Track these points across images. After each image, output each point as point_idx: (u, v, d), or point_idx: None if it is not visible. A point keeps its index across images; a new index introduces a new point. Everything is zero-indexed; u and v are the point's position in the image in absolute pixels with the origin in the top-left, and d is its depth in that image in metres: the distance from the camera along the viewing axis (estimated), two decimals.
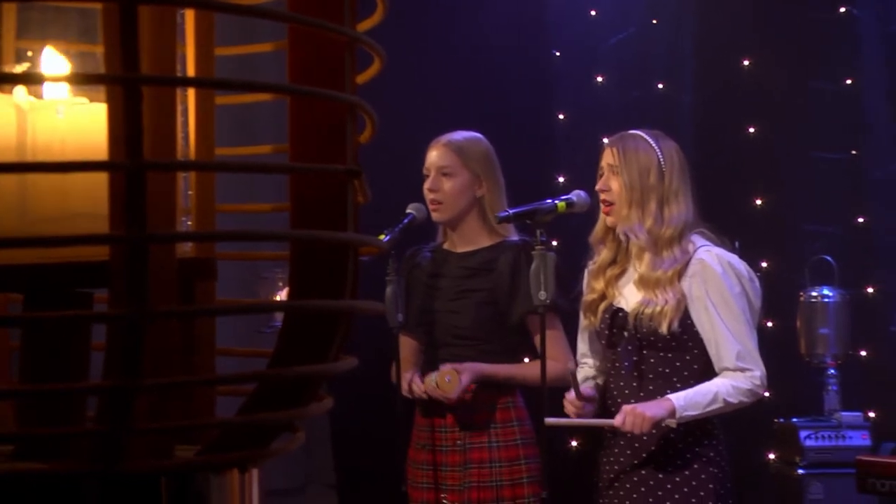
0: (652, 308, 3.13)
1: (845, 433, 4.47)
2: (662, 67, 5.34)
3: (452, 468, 3.41)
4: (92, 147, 0.92)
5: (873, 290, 5.11)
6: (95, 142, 0.91)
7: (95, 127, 0.91)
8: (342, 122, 0.82)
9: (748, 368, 3.10)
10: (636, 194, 3.17)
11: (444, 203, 3.47)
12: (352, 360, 0.82)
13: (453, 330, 3.46)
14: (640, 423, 3.00)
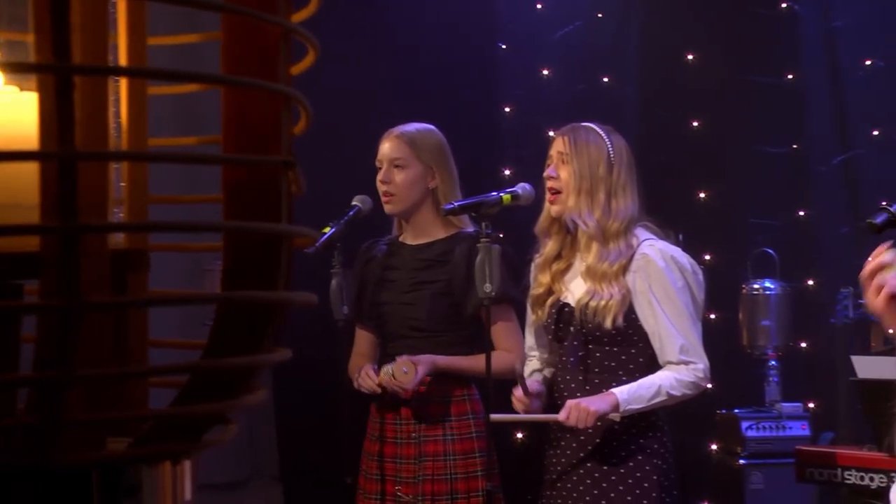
0: (597, 302, 3.14)
1: (785, 424, 4.53)
2: (607, 61, 5.37)
3: (407, 460, 3.41)
4: (22, 137, 0.91)
5: (814, 282, 5.18)
6: (26, 131, 0.90)
7: (26, 116, 0.90)
8: (276, 113, 0.82)
9: (691, 361, 3.13)
10: (585, 184, 3.18)
11: (397, 195, 3.47)
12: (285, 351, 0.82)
13: (409, 322, 3.46)
14: (584, 417, 3.02)
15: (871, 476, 3.74)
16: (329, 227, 3.44)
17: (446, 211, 3.27)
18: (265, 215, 0.81)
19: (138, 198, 0.91)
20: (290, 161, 0.81)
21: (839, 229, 5.20)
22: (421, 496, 3.36)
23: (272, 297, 0.80)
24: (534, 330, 3.38)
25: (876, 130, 5.30)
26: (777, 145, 5.32)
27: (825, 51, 5.43)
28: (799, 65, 5.40)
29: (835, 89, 5.41)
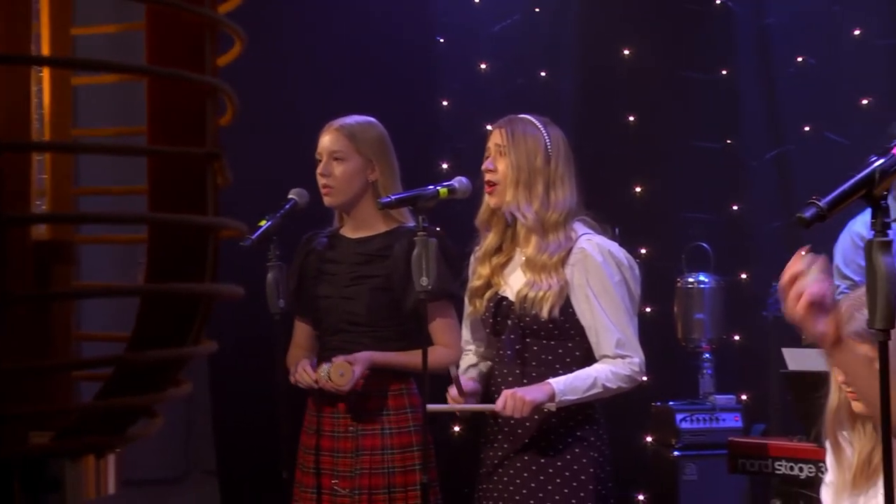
0: (535, 292, 3.16)
1: (719, 415, 4.59)
2: (545, 56, 5.39)
3: (345, 454, 3.40)
4: None
5: (746, 276, 5.24)
6: None
7: None
8: (201, 105, 0.81)
9: (627, 355, 3.15)
10: (523, 175, 3.19)
11: (336, 188, 3.45)
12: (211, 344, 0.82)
13: (347, 316, 3.44)
14: (521, 406, 3.03)
15: (800, 466, 3.80)
16: (265, 221, 3.42)
17: (382, 204, 3.26)
18: (191, 207, 0.81)
19: (62, 189, 0.90)
20: (215, 152, 0.80)
21: (772, 224, 5.27)
22: (358, 490, 3.35)
23: (197, 289, 0.79)
24: (470, 323, 3.38)
25: (807, 126, 5.38)
26: (711, 140, 5.38)
27: (758, 47, 5.50)
28: (733, 61, 5.46)
29: (767, 85, 5.48)
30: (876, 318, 1.80)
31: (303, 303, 3.53)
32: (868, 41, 5.40)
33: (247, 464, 4.37)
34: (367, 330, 3.42)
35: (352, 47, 4.89)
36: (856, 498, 2.58)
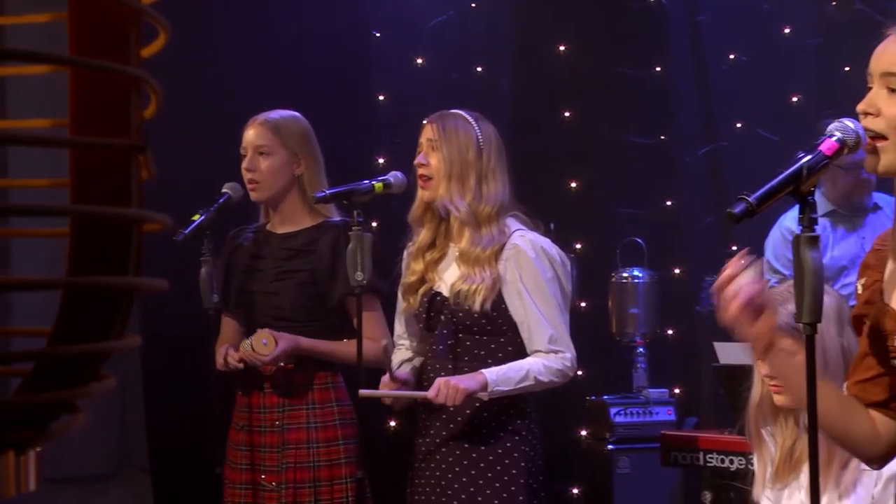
0: (468, 286, 3.17)
1: (652, 409, 4.63)
2: (481, 51, 5.40)
3: (271, 449, 3.38)
4: None
5: (680, 271, 5.30)
6: None
7: None
8: (125, 96, 0.80)
9: (560, 351, 3.17)
10: (455, 169, 3.20)
11: (262, 182, 3.44)
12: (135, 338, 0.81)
13: (273, 311, 3.43)
14: (454, 394, 3.04)
15: (730, 459, 3.85)
16: (198, 215, 3.40)
17: (317, 199, 3.25)
18: (114, 199, 0.80)
19: None
20: (139, 145, 0.79)
21: (704, 219, 5.33)
22: (284, 484, 3.35)
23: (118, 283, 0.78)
24: (404, 318, 3.38)
25: (739, 123, 5.45)
26: (645, 136, 5.42)
27: (691, 45, 5.56)
28: (666, 58, 5.51)
29: (700, 82, 5.54)
30: (803, 312, 1.83)
31: (230, 298, 3.52)
32: (798, 39, 5.48)
33: (180, 460, 4.33)
34: (293, 325, 3.41)
35: (287, 41, 4.86)
36: (779, 491, 2.62)
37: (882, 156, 1.85)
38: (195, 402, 3.67)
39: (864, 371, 1.97)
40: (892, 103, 1.84)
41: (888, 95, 1.85)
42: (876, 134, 1.85)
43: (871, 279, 1.97)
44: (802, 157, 1.85)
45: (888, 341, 1.88)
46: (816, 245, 1.84)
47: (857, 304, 1.99)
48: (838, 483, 2.48)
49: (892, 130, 1.83)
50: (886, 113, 1.84)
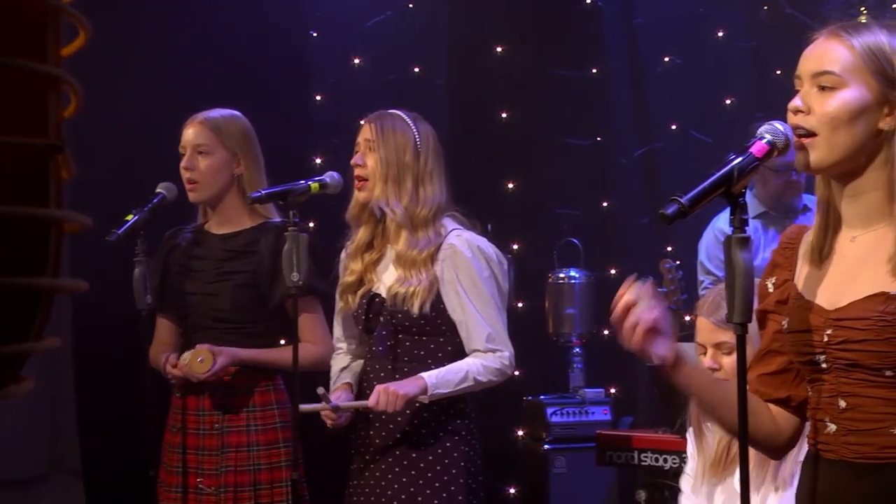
0: (406, 288, 3.16)
1: (588, 409, 4.67)
2: (418, 51, 5.40)
3: (210, 452, 3.35)
4: None
5: (616, 271, 5.34)
6: None
7: None
8: (43, 96, 0.79)
9: (498, 349, 3.18)
10: (392, 170, 3.20)
11: (201, 182, 3.41)
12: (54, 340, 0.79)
13: (212, 313, 3.40)
14: (394, 401, 3.04)
15: (664, 458, 3.88)
16: (132, 215, 3.36)
17: (252, 199, 3.23)
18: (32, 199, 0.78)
19: None
20: (58, 144, 0.78)
21: (640, 220, 5.39)
22: (223, 488, 3.32)
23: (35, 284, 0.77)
24: (342, 319, 3.37)
25: (674, 124, 5.51)
26: (582, 137, 5.46)
27: (627, 47, 5.61)
28: (603, 59, 5.56)
29: (636, 84, 5.60)
30: (734, 312, 1.85)
31: (166, 300, 3.48)
32: (731, 42, 5.56)
33: (113, 463, 4.29)
34: (233, 326, 3.38)
35: (223, 40, 4.83)
36: (713, 487, 2.65)
37: (812, 152, 1.88)
38: (129, 404, 3.64)
39: (766, 365, 2.02)
40: (823, 101, 1.87)
41: (819, 94, 1.88)
42: (806, 132, 1.88)
43: (782, 278, 2.01)
44: (733, 159, 1.87)
45: (813, 337, 1.91)
46: (747, 246, 1.87)
47: (766, 301, 2.03)
48: (775, 476, 2.52)
49: (822, 127, 1.87)
50: (817, 111, 1.88)
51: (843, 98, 1.86)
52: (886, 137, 1.87)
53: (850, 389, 1.88)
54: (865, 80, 1.87)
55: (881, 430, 1.86)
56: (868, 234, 1.90)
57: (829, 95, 1.87)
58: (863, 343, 1.85)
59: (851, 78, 1.87)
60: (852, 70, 1.87)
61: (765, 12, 5.58)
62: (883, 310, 1.83)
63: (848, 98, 1.86)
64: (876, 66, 1.86)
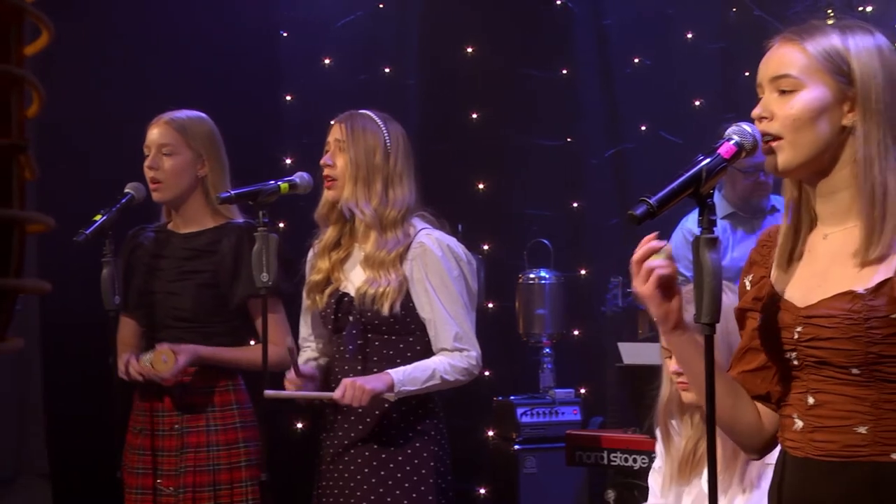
0: (375, 289, 3.16)
1: (558, 409, 4.67)
2: (389, 52, 5.40)
3: (169, 453, 3.34)
4: None
5: (586, 272, 5.36)
6: None
7: None
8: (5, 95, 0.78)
9: (465, 349, 3.18)
10: (362, 172, 3.19)
11: (165, 182, 3.40)
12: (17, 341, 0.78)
13: (174, 312, 3.39)
14: (360, 395, 3.03)
15: (633, 457, 3.89)
16: (100, 215, 3.34)
17: (222, 199, 3.22)
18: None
19: None
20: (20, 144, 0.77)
21: (610, 220, 5.40)
22: (182, 488, 3.30)
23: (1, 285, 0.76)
24: (309, 318, 3.36)
25: (644, 125, 5.53)
26: (552, 138, 5.48)
27: (597, 48, 5.63)
28: (573, 60, 5.57)
29: (606, 85, 5.62)
30: (702, 312, 1.86)
31: (129, 299, 3.47)
32: (700, 44, 5.59)
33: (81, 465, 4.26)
34: (194, 326, 3.37)
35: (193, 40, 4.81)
36: (681, 488, 2.66)
37: (779, 155, 1.90)
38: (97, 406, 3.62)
39: (746, 363, 2.03)
40: (784, 105, 1.89)
41: (779, 98, 1.90)
42: (773, 137, 1.90)
43: (759, 275, 2.03)
44: (702, 161, 1.88)
45: (785, 334, 1.92)
46: (715, 246, 1.87)
47: (744, 299, 2.05)
48: (742, 478, 2.53)
49: (786, 130, 1.89)
50: (780, 115, 1.90)
51: (803, 99, 1.89)
52: (850, 133, 1.89)
53: (818, 386, 1.90)
54: (823, 79, 1.89)
55: (846, 428, 1.87)
56: (840, 232, 1.92)
57: (790, 98, 1.89)
58: (830, 341, 1.86)
59: (809, 79, 1.89)
60: (809, 71, 1.89)
61: (733, 14, 5.61)
62: (850, 308, 1.84)
63: (808, 99, 1.89)
64: (831, 65, 1.89)
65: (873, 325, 1.83)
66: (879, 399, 1.86)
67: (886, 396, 1.85)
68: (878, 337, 1.83)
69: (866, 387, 1.86)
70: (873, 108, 1.87)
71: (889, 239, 1.85)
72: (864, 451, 1.86)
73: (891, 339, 1.83)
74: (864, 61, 1.88)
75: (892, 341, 1.83)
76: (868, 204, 1.87)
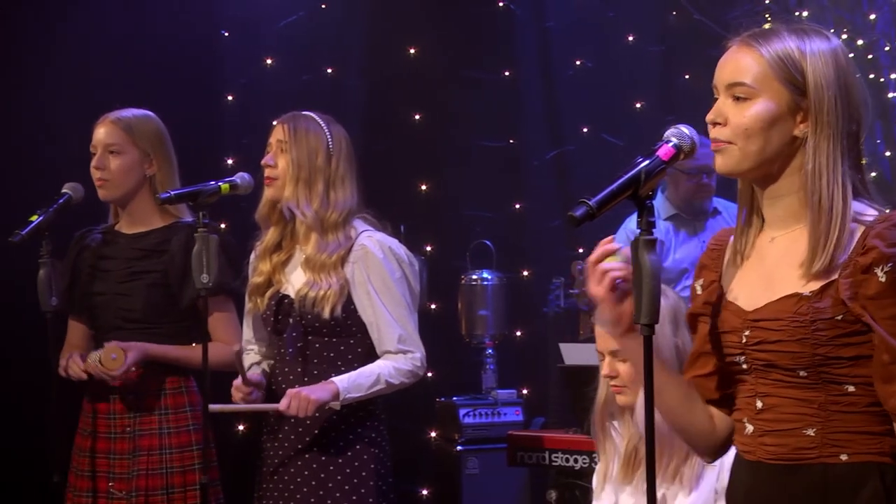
0: (316, 292, 3.15)
1: (501, 410, 4.69)
2: (332, 52, 5.39)
3: (121, 456, 3.31)
4: None
5: (528, 273, 5.38)
6: None
7: None
8: None
9: (409, 351, 3.18)
10: (304, 173, 3.18)
11: (111, 181, 3.37)
12: None
13: (123, 313, 3.36)
14: (305, 406, 3.02)
15: (574, 458, 3.91)
16: (36, 216, 3.31)
17: (161, 200, 3.19)
18: None
19: None
20: None
21: (551, 222, 5.43)
22: (135, 492, 3.27)
23: None
24: (251, 321, 3.34)
25: (585, 127, 5.57)
26: (495, 140, 5.50)
27: (539, 50, 5.66)
28: (515, 62, 5.60)
29: (548, 87, 5.65)
30: (641, 313, 1.87)
31: (77, 301, 3.43)
32: (641, 47, 5.64)
33: (17, 468, 4.21)
34: (144, 326, 3.34)
35: (134, 39, 4.77)
36: (622, 487, 2.68)
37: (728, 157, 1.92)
38: (34, 409, 3.57)
39: (699, 367, 2.03)
40: (738, 112, 1.91)
41: (734, 105, 1.91)
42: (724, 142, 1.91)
43: (709, 279, 2.04)
44: (640, 163, 1.89)
45: (733, 338, 1.94)
46: (654, 248, 1.88)
47: (695, 304, 2.06)
48: (681, 478, 2.55)
49: (737, 138, 1.90)
50: (732, 122, 1.91)
51: (755, 110, 1.89)
52: (801, 144, 1.90)
53: (766, 390, 1.91)
54: (777, 89, 1.89)
55: (794, 431, 1.89)
56: (786, 236, 1.93)
57: (744, 106, 1.90)
58: (777, 343, 1.87)
59: (763, 89, 1.90)
60: (764, 80, 1.90)
61: (673, 18, 5.67)
62: (795, 311, 1.86)
63: (760, 110, 1.89)
64: (785, 74, 1.89)
65: (819, 328, 1.84)
66: (827, 401, 1.87)
67: (833, 398, 1.87)
68: (824, 339, 1.84)
69: (813, 389, 1.87)
70: (825, 120, 1.88)
71: (833, 251, 1.87)
72: (814, 454, 1.88)
73: (836, 341, 1.84)
74: (819, 71, 1.88)
75: (837, 343, 1.84)
76: (815, 216, 1.88)
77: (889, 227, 1.84)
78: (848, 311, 1.84)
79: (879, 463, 1.87)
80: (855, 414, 1.87)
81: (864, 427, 1.87)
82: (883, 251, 1.82)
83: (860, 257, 1.84)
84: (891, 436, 1.87)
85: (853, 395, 1.87)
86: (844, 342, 1.85)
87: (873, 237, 1.84)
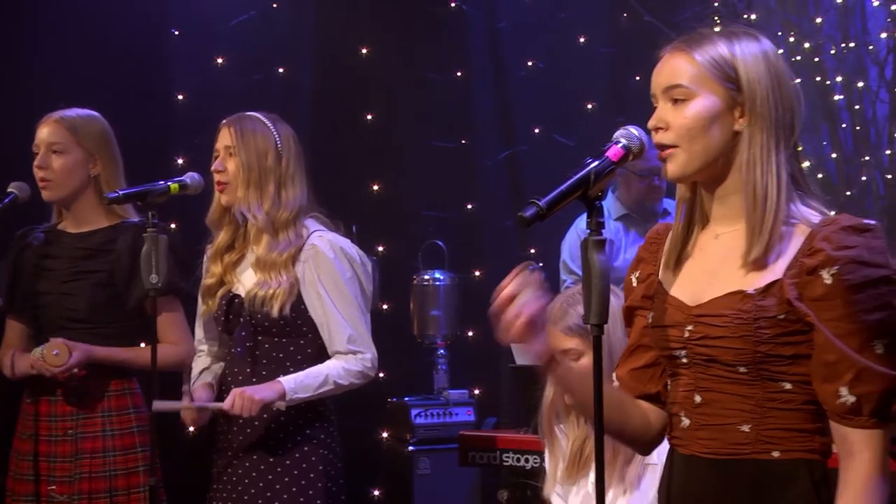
0: (265, 291, 3.14)
1: (452, 410, 4.70)
2: (283, 52, 5.37)
3: (63, 459, 3.27)
4: None
5: (480, 273, 5.39)
6: None
7: None
8: None
9: (360, 351, 3.17)
10: (254, 175, 3.17)
11: (54, 181, 3.34)
12: None
13: (67, 313, 3.33)
14: (249, 405, 3.01)
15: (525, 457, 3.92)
16: None
17: (109, 199, 3.17)
18: None
19: None
20: None
21: (503, 222, 5.44)
22: (77, 495, 3.24)
23: None
24: (203, 322, 3.33)
25: (537, 128, 5.59)
26: (447, 140, 5.50)
27: (491, 50, 5.68)
28: (467, 63, 5.61)
29: (499, 88, 5.67)
30: (591, 313, 1.88)
31: (18, 300, 3.39)
32: (592, 48, 5.67)
33: None
34: (89, 327, 3.31)
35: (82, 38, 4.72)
36: (568, 487, 2.69)
37: (674, 162, 1.94)
38: None
39: (635, 360, 2.06)
40: (678, 115, 1.93)
41: (673, 108, 1.94)
42: (668, 146, 1.93)
43: (646, 273, 2.06)
44: (590, 163, 1.90)
45: (675, 332, 1.95)
46: (603, 248, 1.90)
47: (632, 297, 2.08)
48: (622, 479, 2.56)
49: (681, 140, 1.93)
50: (674, 125, 1.93)
51: (695, 108, 1.92)
52: (743, 139, 1.93)
53: (706, 385, 1.94)
54: (713, 87, 1.93)
55: (730, 427, 1.91)
56: (732, 233, 1.96)
57: (683, 107, 1.93)
58: (720, 339, 1.89)
59: (700, 88, 1.93)
60: (699, 80, 1.93)
61: (624, 20, 5.71)
62: (739, 307, 1.88)
63: (699, 108, 1.92)
64: (720, 72, 1.93)
65: (762, 325, 1.86)
66: (764, 398, 1.90)
67: (770, 395, 1.90)
68: (765, 336, 1.86)
69: (752, 385, 1.90)
70: (759, 112, 1.92)
71: (768, 240, 1.90)
72: (747, 450, 1.90)
73: (778, 339, 1.87)
74: (750, 67, 1.92)
75: (779, 341, 1.87)
76: (750, 205, 1.92)
77: (836, 231, 1.87)
78: (791, 310, 1.86)
79: (809, 460, 1.90)
80: (790, 411, 1.90)
81: (798, 424, 1.90)
82: (830, 254, 1.85)
83: (806, 259, 1.87)
84: (821, 434, 1.91)
85: (789, 393, 1.90)
86: (785, 341, 1.87)
87: (821, 240, 1.87)
